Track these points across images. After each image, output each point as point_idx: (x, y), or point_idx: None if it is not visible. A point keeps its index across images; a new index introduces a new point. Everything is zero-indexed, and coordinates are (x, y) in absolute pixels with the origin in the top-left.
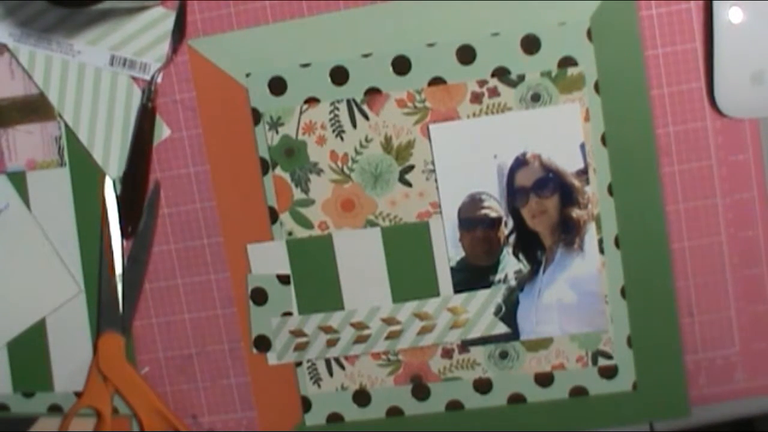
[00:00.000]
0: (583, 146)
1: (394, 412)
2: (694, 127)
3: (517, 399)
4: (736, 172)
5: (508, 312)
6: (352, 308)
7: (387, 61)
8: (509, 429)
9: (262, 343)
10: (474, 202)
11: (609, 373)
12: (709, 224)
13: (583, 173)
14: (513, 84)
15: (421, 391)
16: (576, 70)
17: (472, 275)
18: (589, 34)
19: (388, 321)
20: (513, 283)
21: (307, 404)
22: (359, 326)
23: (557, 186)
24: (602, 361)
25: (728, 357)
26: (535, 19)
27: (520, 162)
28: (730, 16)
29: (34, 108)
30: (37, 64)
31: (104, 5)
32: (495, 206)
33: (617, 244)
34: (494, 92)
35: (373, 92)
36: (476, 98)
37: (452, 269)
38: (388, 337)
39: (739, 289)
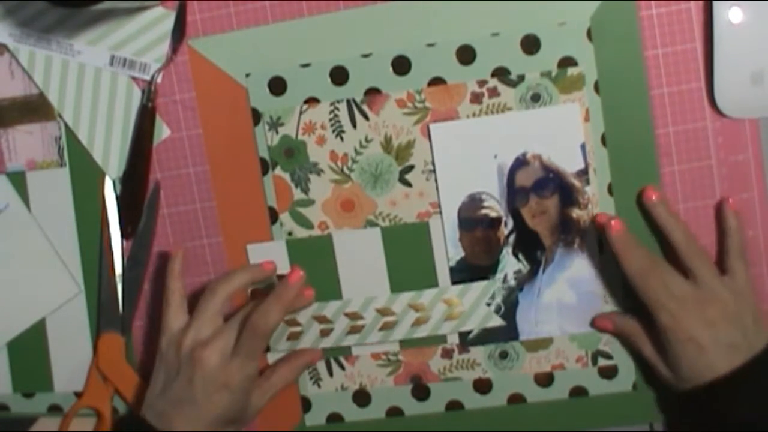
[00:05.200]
0: (583, 146)
1: (394, 412)
2: (694, 127)
3: (517, 399)
4: (736, 172)
5: (508, 312)
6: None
7: (387, 61)
8: (509, 429)
9: None
10: (474, 201)
11: (609, 373)
12: (709, 224)
13: (583, 173)
14: (513, 84)
15: (421, 391)
16: (576, 70)
17: (472, 275)
18: (589, 34)
19: (383, 311)
20: (513, 283)
21: (307, 404)
22: (353, 316)
23: (557, 186)
24: (602, 361)
25: None
26: (535, 19)
27: (521, 162)
28: (730, 16)
29: (34, 108)
30: (37, 64)
31: (104, 5)
32: (495, 206)
33: None
34: (494, 92)
35: (373, 92)
36: (476, 98)
37: (451, 269)
38: (382, 328)
39: None
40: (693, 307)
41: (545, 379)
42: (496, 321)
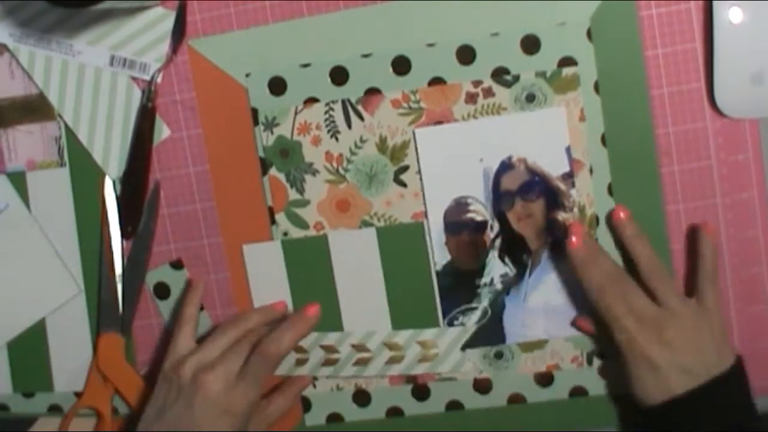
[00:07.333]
0: (568, 149)
1: (394, 412)
2: (694, 127)
3: (517, 399)
4: (736, 172)
5: (495, 316)
6: (348, 307)
7: (387, 61)
8: (509, 429)
9: None
10: (460, 205)
11: (609, 373)
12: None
13: (568, 176)
14: (508, 84)
15: (421, 391)
16: (571, 70)
17: (459, 279)
18: (589, 34)
19: (390, 346)
20: (499, 286)
21: (307, 404)
22: (360, 348)
23: (543, 189)
24: (597, 362)
25: None
26: (535, 19)
27: (506, 166)
28: (730, 16)
29: (34, 108)
30: (37, 64)
31: (104, 5)
32: (481, 210)
33: (617, 244)
34: (489, 92)
35: (371, 92)
36: (471, 98)
37: (438, 273)
38: (389, 362)
39: (739, 289)
40: (651, 326)
41: (545, 379)
42: (469, 366)
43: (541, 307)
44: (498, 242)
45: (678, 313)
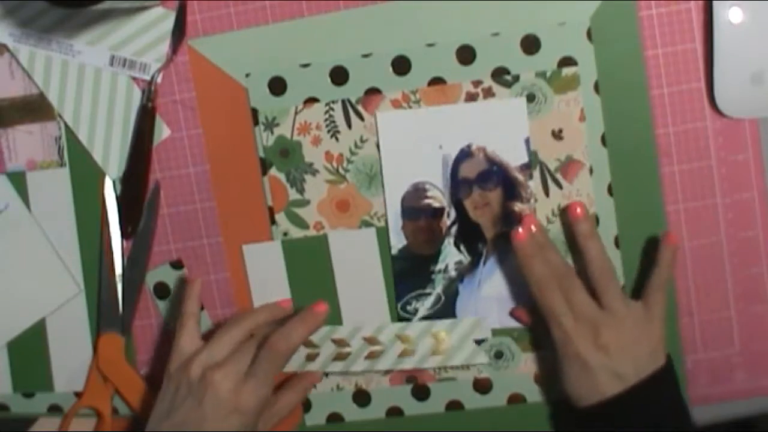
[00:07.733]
0: (527, 140)
1: (394, 412)
2: (694, 127)
3: (517, 399)
4: (736, 172)
5: (447, 302)
6: (348, 307)
7: (387, 61)
8: (509, 429)
9: None
10: (418, 191)
11: None
12: (709, 224)
13: (526, 167)
14: (508, 84)
15: (421, 391)
16: (571, 70)
17: (414, 264)
18: (589, 34)
19: (402, 339)
20: (453, 273)
21: (307, 404)
22: (371, 341)
23: (501, 179)
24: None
25: (728, 357)
26: (535, 19)
27: (465, 153)
28: (730, 16)
29: (34, 108)
30: (37, 64)
31: (104, 5)
32: (438, 196)
33: (617, 244)
34: (489, 92)
35: (371, 92)
36: (471, 98)
37: (393, 257)
38: (401, 355)
39: (739, 289)
40: (589, 327)
41: (545, 379)
42: (483, 358)
43: (495, 296)
44: (454, 229)
45: (619, 317)
